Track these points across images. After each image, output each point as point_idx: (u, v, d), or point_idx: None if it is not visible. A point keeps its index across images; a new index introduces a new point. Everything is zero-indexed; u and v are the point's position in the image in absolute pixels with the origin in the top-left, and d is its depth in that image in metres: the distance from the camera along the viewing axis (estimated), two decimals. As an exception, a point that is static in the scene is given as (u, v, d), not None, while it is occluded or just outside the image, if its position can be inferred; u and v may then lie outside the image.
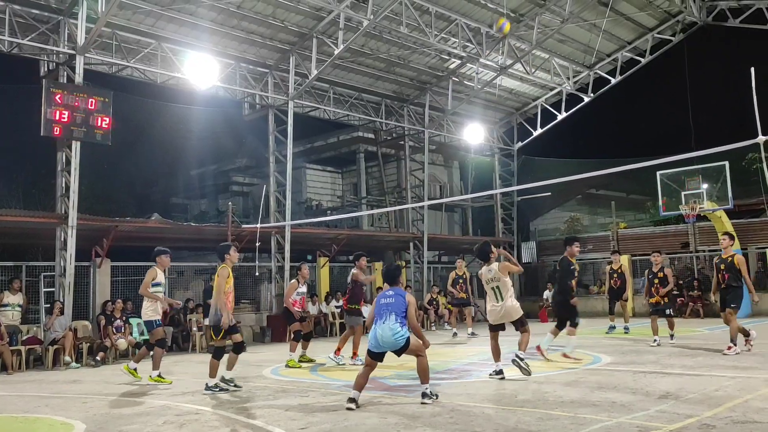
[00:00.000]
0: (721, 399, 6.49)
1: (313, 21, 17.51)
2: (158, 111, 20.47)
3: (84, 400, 8.27)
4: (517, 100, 25.54)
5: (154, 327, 9.55)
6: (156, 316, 9.53)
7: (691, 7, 21.17)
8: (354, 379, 7.05)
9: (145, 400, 8.07)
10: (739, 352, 9.93)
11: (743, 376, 7.94)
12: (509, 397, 7.19)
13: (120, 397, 8.48)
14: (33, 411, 7.57)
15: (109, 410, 7.38)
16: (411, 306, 7.17)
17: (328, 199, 28.25)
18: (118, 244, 15.54)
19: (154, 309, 9.50)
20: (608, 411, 6.11)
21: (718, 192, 18.79)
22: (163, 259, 9.68)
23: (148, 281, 9.46)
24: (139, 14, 15.61)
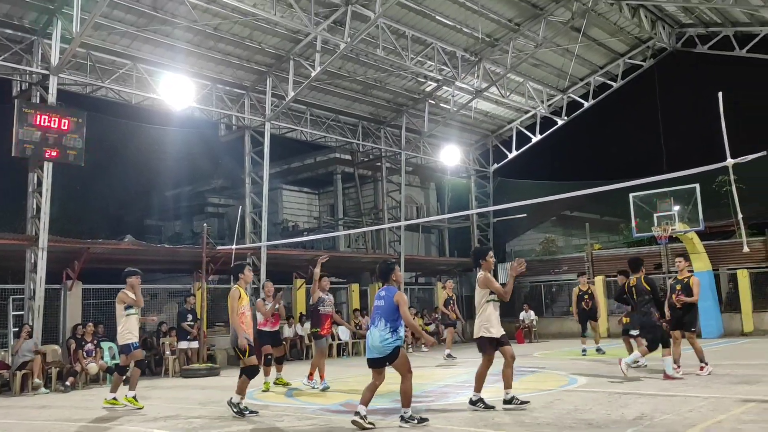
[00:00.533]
0: (695, 420, 6.54)
1: (290, 43, 17.59)
2: (133, 132, 20.29)
3: (53, 426, 8.05)
4: (493, 122, 25.83)
5: (132, 350, 9.34)
6: (133, 339, 9.34)
7: (660, 33, 21.69)
8: (330, 402, 6.97)
9: (116, 426, 7.88)
10: (711, 372, 10.03)
11: (716, 396, 8.01)
12: (486, 419, 7.17)
13: (90, 423, 8.27)
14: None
15: (78, 437, 7.20)
16: (402, 305, 6.84)
17: (305, 221, 28.15)
18: (90, 266, 15.27)
19: (130, 332, 9.31)
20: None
21: (689, 214, 19.08)
22: (133, 280, 9.52)
23: (121, 306, 9.29)
24: (114, 35, 15.54)
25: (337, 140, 22.85)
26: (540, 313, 24.33)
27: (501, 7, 18.83)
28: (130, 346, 9.32)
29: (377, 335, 6.77)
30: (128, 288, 9.47)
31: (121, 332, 9.34)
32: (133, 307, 9.42)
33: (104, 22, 14.72)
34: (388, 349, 6.71)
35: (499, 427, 6.68)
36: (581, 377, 10.61)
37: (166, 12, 15.22)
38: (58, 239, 14.49)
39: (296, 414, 8.22)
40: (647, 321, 9.98)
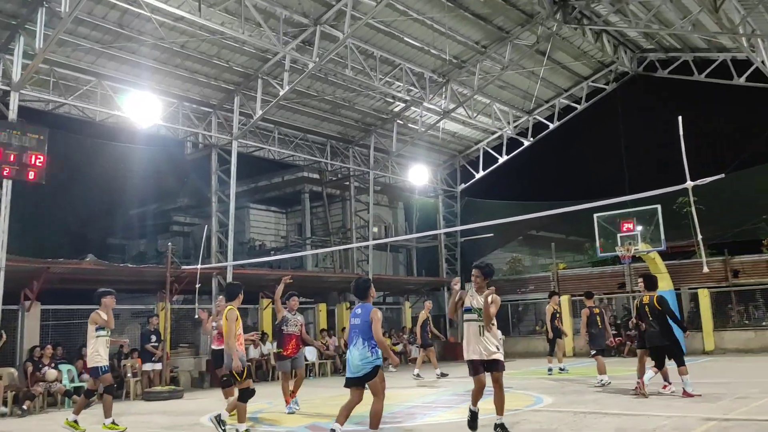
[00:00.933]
0: (658, 439, 6.60)
1: (258, 62, 17.56)
2: (97, 149, 19.93)
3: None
4: (460, 143, 26.09)
5: (100, 374, 9.05)
6: (102, 362, 9.05)
7: (622, 57, 22.24)
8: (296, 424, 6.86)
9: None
10: (674, 391, 10.17)
11: (678, 415, 8.11)
12: (452, 441, 7.13)
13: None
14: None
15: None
16: (375, 322, 6.72)
17: (272, 240, 27.92)
18: (51, 286, 14.87)
19: (99, 354, 9.02)
20: (550, 454, 6.12)
21: (651, 234, 19.45)
22: (107, 300, 9.31)
23: (93, 328, 9.04)
24: (79, 51, 15.33)
25: (305, 159, 22.81)
26: (507, 332, 24.43)
27: (468, 30, 19.11)
28: (98, 369, 9.03)
29: (356, 354, 6.70)
30: (102, 308, 9.22)
31: (90, 354, 9.07)
32: (105, 329, 9.14)
33: (68, 38, 14.51)
34: (368, 367, 6.65)
35: (465, 448, 6.65)
36: (547, 397, 10.66)
37: (132, 29, 15.07)
38: (16, 258, 14.08)
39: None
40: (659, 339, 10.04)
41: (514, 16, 18.96)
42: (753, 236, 22.24)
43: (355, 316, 6.93)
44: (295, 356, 10.27)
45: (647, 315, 10.25)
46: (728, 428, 7.08)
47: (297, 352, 10.28)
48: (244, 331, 19.89)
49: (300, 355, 10.43)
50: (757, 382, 11.25)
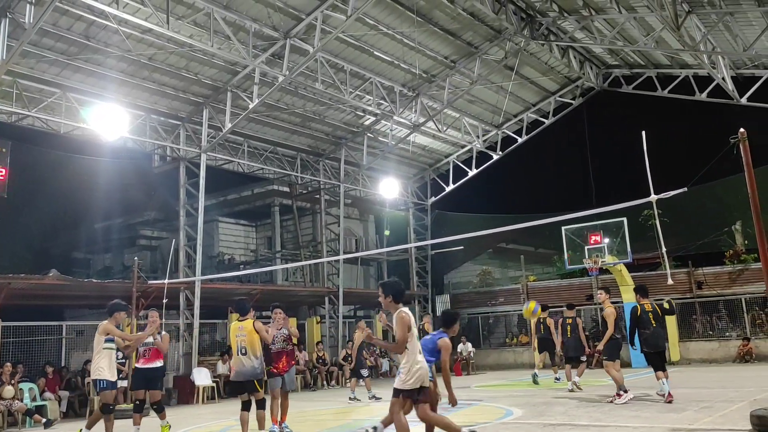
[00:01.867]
0: (626, 450, 6.66)
1: (227, 75, 17.47)
2: (61, 162, 19.56)
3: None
4: (430, 156, 26.24)
5: (99, 388, 8.77)
6: (104, 376, 8.66)
7: (588, 73, 22.65)
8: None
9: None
10: (631, 398, 10.34)
11: (645, 425, 8.20)
12: (423, 455, 7.08)
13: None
14: None
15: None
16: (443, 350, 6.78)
17: (242, 253, 27.65)
18: (11, 302, 14.48)
19: (103, 367, 8.65)
20: (519, 467, 6.13)
21: (618, 246, 19.77)
22: (119, 316, 9.07)
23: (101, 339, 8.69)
24: (43, 63, 15.07)
25: (275, 172, 22.70)
26: (477, 344, 24.53)
27: (437, 45, 19.29)
28: (98, 382, 8.72)
29: None
30: (113, 321, 8.90)
31: (94, 366, 8.76)
32: (113, 342, 8.82)
33: (32, 49, 14.26)
34: None
35: (435, 463, 6.61)
36: (517, 409, 10.69)
37: (99, 41, 14.88)
38: (-24, 274, 13.72)
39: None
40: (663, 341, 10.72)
41: (483, 31, 19.21)
42: (716, 248, 22.73)
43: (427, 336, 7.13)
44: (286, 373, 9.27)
45: (650, 321, 10.52)
46: (693, 438, 7.18)
47: (288, 368, 9.28)
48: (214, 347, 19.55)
49: (291, 373, 9.48)
50: (721, 393, 11.45)
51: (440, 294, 27.74)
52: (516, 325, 26.13)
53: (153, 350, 9.55)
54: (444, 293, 27.79)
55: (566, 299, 23.33)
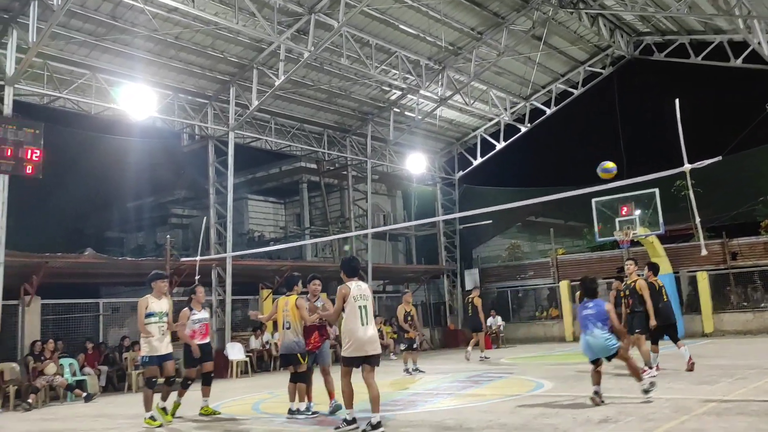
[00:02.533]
0: (659, 421, 6.63)
1: (253, 52, 17.47)
2: (92, 143, 19.84)
3: (9, 448, 7.80)
4: (457, 130, 26.03)
5: (145, 364, 8.63)
6: (146, 351, 8.51)
7: (619, 41, 22.15)
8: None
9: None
10: (655, 376, 10.23)
11: (678, 397, 8.15)
12: (454, 427, 7.16)
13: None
14: (-49, 463, 7.09)
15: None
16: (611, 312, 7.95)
17: (271, 230, 27.90)
18: (49, 280, 14.88)
19: (149, 341, 8.48)
20: (551, 438, 6.15)
21: (649, 218, 19.47)
22: (159, 285, 8.77)
23: (142, 313, 8.50)
24: (72, 44, 15.23)
25: (302, 149, 22.75)
26: (507, 318, 24.52)
27: (463, 16, 19.01)
28: (142, 358, 8.67)
29: (601, 337, 7.81)
30: (154, 293, 8.70)
31: (141, 343, 8.67)
32: (156, 314, 8.60)
33: (61, 31, 14.42)
34: (615, 347, 7.82)
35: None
36: (547, 382, 10.70)
37: (126, 21, 14.98)
38: (15, 254, 14.05)
39: (263, 427, 8.10)
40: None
41: (510, 1, 18.88)
42: (751, 218, 22.29)
43: (587, 309, 8.00)
44: (318, 350, 8.85)
45: (663, 296, 11.04)
46: (727, 409, 7.12)
47: (320, 345, 8.85)
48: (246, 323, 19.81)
49: (324, 349, 8.98)
50: (755, 364, 11.30)
51: (469, 268, 27.72)
52: (546, 298, 26.03)
53: (206, 326, 9.62)
54: (473, 267, 27.75)
55: (596, 272, 23.16)
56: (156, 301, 8.64)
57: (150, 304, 8.59)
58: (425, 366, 14.72)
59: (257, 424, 8.32)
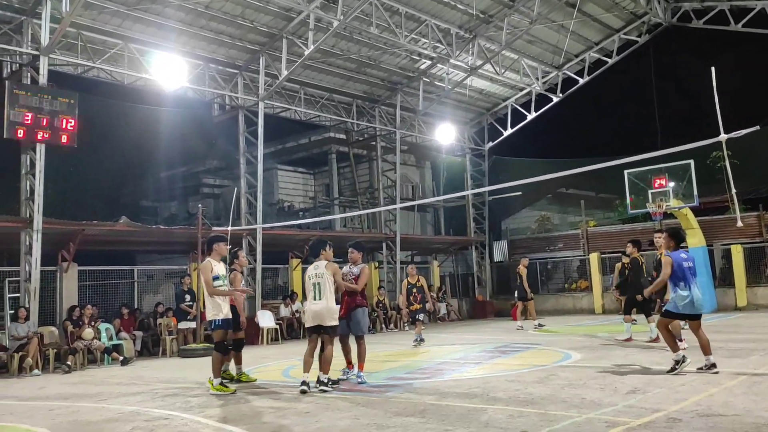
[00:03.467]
0: (687, 393, 6.61)
1: (282, 21, 17.42)
2: (125, 112, 20.12)
3: (51, 407, 8.11)
4: (488, 100, 25.72)
5: (213, 327, 8.47)
6: (219, 315, 8.34)
7: (656, 8, 21.54)
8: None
9: (113, 406, 7.94)
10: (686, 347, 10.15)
11: (709, 371, 8.08)
12: (480, 395, 7.23)
13: (88, 403, 8.32)
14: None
15: (76, 417, 7.25)
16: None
17: (300, 201, 28.11)
18: (85, 248, 15.27)
19: (219, 305, 8.36)
20: (578, 407, 6.18)
21: (684, 190, 19.12)
22: (221, 247, 8.58)
23: (208, 277, 8.29)
24: (104, 14, 15.36)
25: (331, 119, 22.74)
26: (536, 290, 24.42)
27: (495, -17, 18.65)
28: (212, 322, 8.43)
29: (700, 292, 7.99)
30: (215, 255, 8.51)
31: (207, 307, 8.47)
32: (220, 278, 8.44)
33: (94, 1, 14.54)
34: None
35: (494, 401, 6.75)
36: (575, 353, 10.70)
37: (157, -10, 15.04)
38: (52, 221, 14.44)
39: (293, 392, 8.27)
40: None
41: (543, -33, 18.44)
42: (789, 190, 21.75)
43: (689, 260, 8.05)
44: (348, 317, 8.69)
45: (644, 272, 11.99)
46: (758, 383, 7.06)
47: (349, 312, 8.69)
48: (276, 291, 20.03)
49: (355, 317, 8.71)
50: (790, 338, 11.13)
51: (498, 240, 27.64)
52: (575, 270, 25.87)
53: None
54: (501, 239, 27.67)
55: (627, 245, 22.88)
56: (218, 264, 8.50)
57: (214, 267, 8.42)
58: (453, 337, 14.83)
59: (286, 390, 8.50)
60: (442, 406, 6.69)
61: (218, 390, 8.26)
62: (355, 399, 7.45)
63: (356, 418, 6.32)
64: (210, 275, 8.31)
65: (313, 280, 8.27)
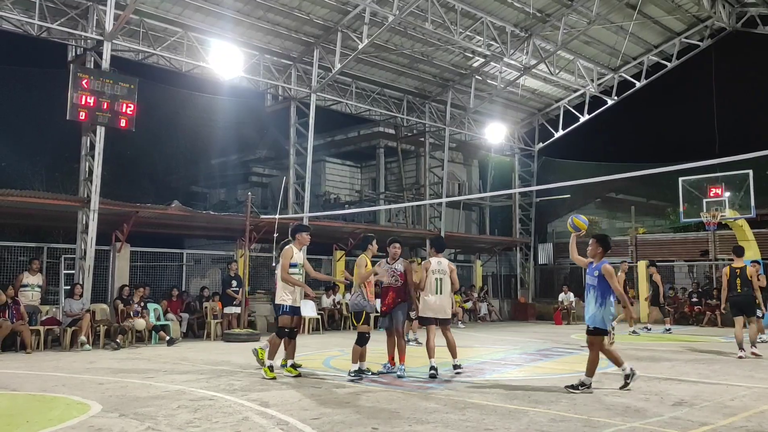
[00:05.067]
0: (737, 408, 6.43)
1: (338, 15, 17.54)
2: (182, 99, 20.60)
3: (100, 381, 8.39)
4: (540, 100, 25.39)
5: (280, 313, 8.60)
6: (287, 301, 8.50)
7: (720, 12, 20.89)
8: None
9: (160, 384, 8.17)
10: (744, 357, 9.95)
11: (760, 386, 7.85)
12: (522, 397, 7.18)
13: (135, 380, 8.58)
14: (50, 390, 7.69)
15: (125, 393, 7.49)
16: None
17: (347, 193, 28.30)
18: (138, 229, 15.71)
19: (290, 291, 8.51)
20: (622, 415, 6.08)
21: (740, 200, 18.55)
22: (303, 237, 8.84)
23: (286, 263, 8.43)
24: (167, 2, 15.75)
25: (381, 114, 22.80)
26: (580, 294, 24.07)
27: (554, -18, 18.39)
28: (279, 307, 8.58)
29: None
30: (297, 244, 8.76)
31: (278, 291, 8.63)
32: (297, 266, 8.62)
33: (157, -11, 14.92)
34: None
35: (535, 404, 6.69)
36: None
37: (218, -20, 15.33)
38: (108, 202, 14.91)
39: (333, 381, 8.36)
40: None
41: (605, -33, 18.08)
42: None
43: None
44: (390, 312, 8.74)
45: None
46: (813, 403, 6.81)
47: (394, 305, 8.74)
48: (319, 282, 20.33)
49: (396, 312, 8.72)
50: None
51: (543, 242, 27.29)
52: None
53: None
54: (547, 242, 27.30)
55: (679, 254, 22.38)
56: (298, 253, 8.71)
57: (294, 254, 8.62)
58: (494, 337, 14.75)
59: (326, 379, 8.59)
60: (482, 405, 6.66)
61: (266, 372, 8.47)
62: (395, 392, 7.48)
63: (395, 410, 6.35)
64: (288, 261, 8.53)
65: (436, 275, 8.82)
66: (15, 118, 19.48)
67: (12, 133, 19.74)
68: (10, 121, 19.37)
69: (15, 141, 19.85)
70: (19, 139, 20.14)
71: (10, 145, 19.72)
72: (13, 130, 19.81)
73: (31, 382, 8.41)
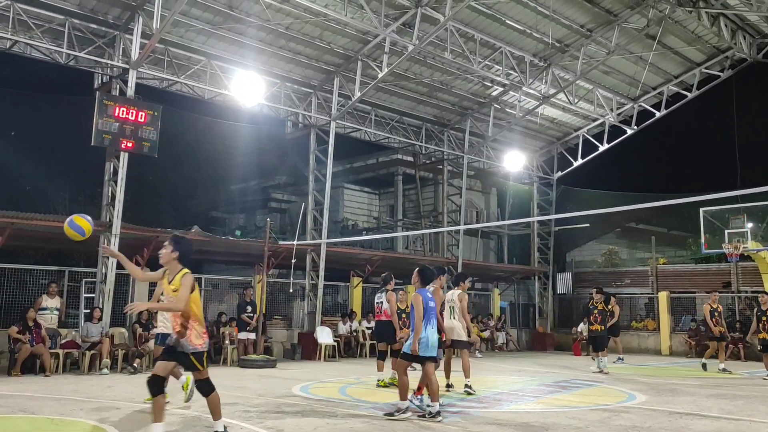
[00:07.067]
0: (761, 446, 6.29)
1: (358, 44, 17.78)
2: (204, 126, 20.93)
3: (117, 406, 8.42)
4: (559, 129, 25.40)
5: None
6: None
7: (741, 43, 20.86)
8: (383, 400, 6.99)
9: (176, 410, 8.17)
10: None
11: (785, 424, 7.67)
12: (538, 429, 7.08)
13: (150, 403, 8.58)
14: (68, 414, 7.73)
15: (141, 417, 7.50)
16: None
17: (365, 220, 28.38)
18: (157, 253, 15.80)
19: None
20: (641, 451, 5.97)
21: (763, 232, 18.32)
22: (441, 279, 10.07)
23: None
24: (191, 32, 16.08)
25: (400, 141, 22.93)
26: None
27: (573, 12, 18.50)
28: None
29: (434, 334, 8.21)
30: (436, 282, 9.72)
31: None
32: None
33: (182, 19, 15.23)
34: None
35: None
36: (640, 394, 10.33)
37: (241, 11, 15.64)
38: (129, 227, 15.06)
39: (349, 410, 8.31)
40: None
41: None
42: None
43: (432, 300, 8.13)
44: None
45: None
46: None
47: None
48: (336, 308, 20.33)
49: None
50: None
51: (562, 272, 27.07)
52: (642, 308, 25.01)
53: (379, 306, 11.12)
54: (565, 271, 27.08)
55: (700, 285, 22.06)
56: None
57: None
58: (511, 368, 14.58)
59: (342, 408, 8.54)
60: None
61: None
62: (410, 421, 7.42)
63: (412, 442, 6.29)
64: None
65: (449, 303, 10.24)
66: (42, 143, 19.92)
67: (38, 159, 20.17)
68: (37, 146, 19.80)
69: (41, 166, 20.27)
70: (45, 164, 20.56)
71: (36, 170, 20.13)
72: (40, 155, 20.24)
73: (49, 405, 8.47)
